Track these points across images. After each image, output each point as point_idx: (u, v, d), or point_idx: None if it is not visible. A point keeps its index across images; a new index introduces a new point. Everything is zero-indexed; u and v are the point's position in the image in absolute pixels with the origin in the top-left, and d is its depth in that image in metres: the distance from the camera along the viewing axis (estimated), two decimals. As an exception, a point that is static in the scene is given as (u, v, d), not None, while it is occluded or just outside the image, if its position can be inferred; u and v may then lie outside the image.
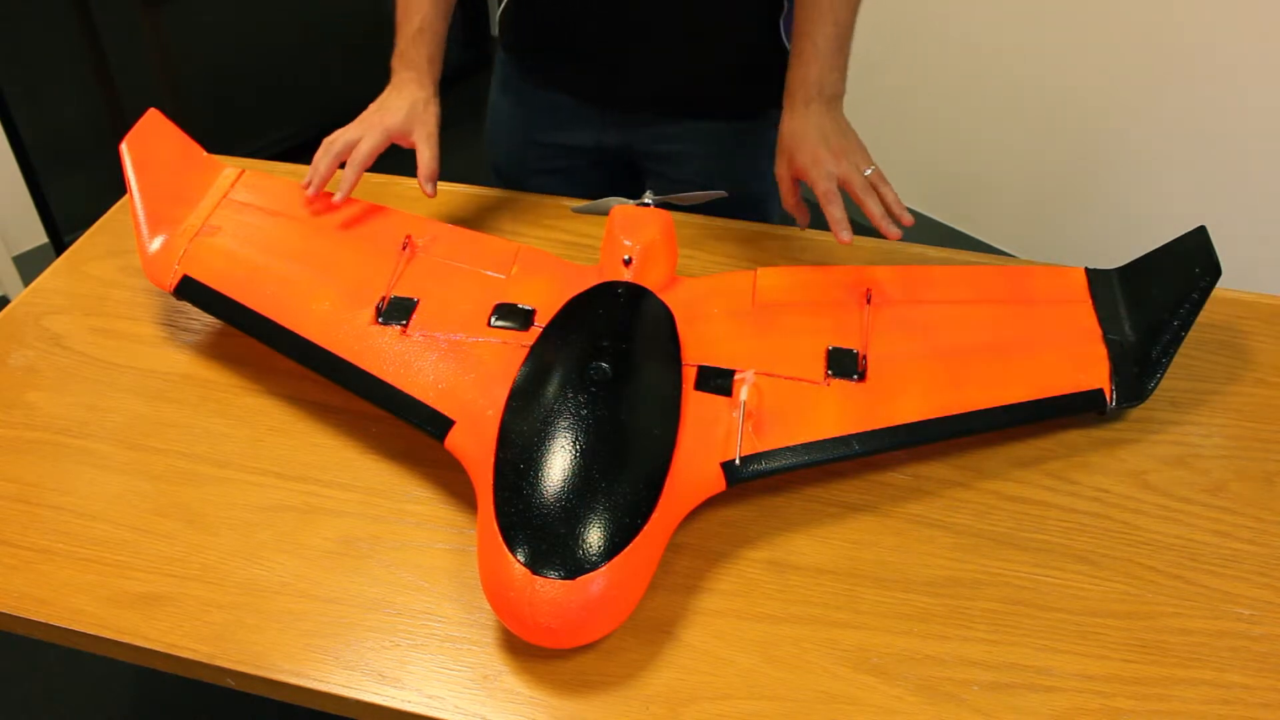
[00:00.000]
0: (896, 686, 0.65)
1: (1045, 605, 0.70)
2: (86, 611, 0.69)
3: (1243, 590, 0.71)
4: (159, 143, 0.96)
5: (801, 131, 0.91)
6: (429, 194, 0.94)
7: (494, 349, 0.80)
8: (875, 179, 0.89)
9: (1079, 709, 0.64)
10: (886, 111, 2.25)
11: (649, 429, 0.71)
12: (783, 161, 0.94)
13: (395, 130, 0.93)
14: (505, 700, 0.64)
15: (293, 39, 2.66)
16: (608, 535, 0.64)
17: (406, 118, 0.94)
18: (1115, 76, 1.90)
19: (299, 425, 0.83)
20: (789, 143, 0.92)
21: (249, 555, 0.73)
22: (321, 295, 0.84)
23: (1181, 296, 0.81)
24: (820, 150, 0.90)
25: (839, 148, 0.90)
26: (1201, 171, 1.86)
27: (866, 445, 0.75)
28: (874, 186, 0.89)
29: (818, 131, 0.91)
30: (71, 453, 0.80)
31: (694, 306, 0.84)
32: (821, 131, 0.91)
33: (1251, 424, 0.83)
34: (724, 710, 0.64)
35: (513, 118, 1.15)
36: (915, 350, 0.81)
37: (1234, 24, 1.71)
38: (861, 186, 0.88)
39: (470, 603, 0.70)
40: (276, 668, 0.66)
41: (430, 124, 0.95)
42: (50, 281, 0.98)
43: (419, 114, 0.95)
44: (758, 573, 0.72)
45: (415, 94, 0.96)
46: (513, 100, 1.15)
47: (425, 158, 0.93)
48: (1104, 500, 0.77)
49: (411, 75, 0.97)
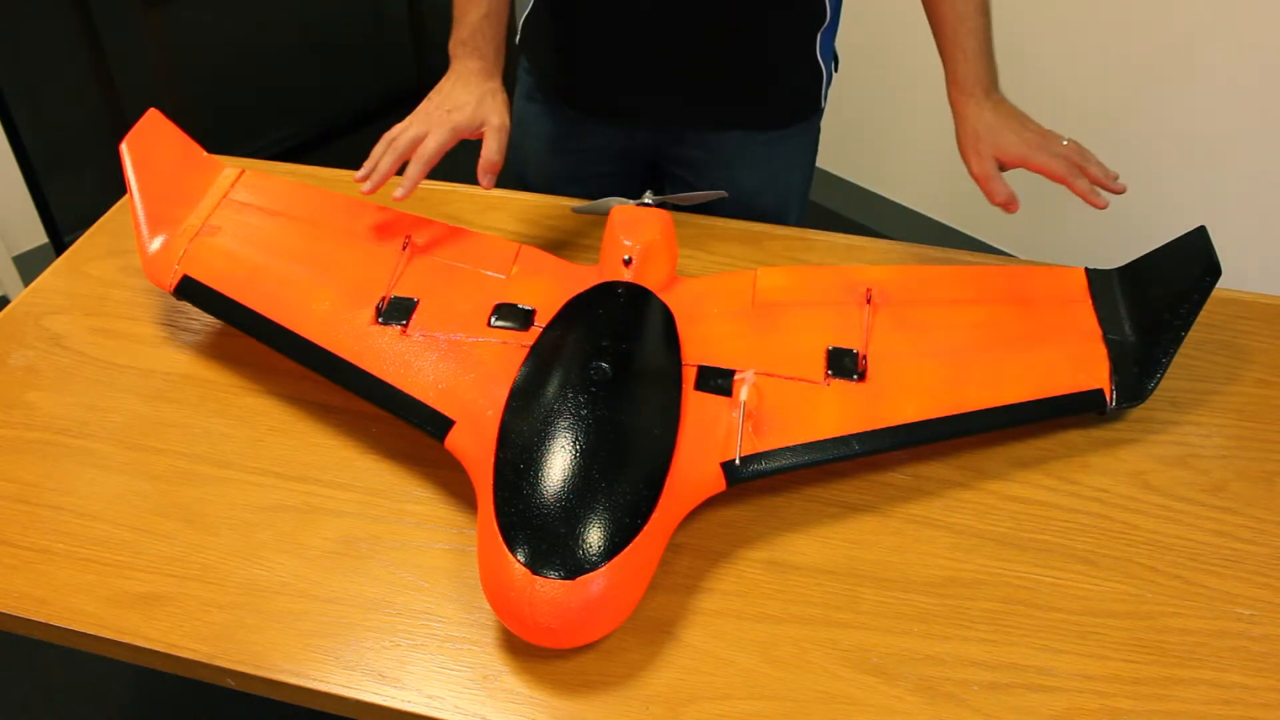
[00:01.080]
0: (896, 686, 0.65)
1: (1045, 605, 0.70)
2: (86, 611, 0.69)
3: (1243, 590, 0.71)
4: (159, 143, 0.96)
5: (996, 124, 0.91)
6: (485, 186, 0.89)
7: (494, 349, 0.80)
8: (1076, 145, 0.91)
9: (1079, 709, 0.64)
10: (887, 111, 2.25)
11: (649, 429, 0.71)
12: (984, 157, 0.92)
13: (464, 126, 0.88)
14: (505, 700, 0.64)
15: (293, 39, 2.66)
16: (608, 535, 0.64)
17: (475, 112, 0.89)
18: (1115, 76, 1.90)
19: (299, 425, 0.83)
20: (990, 137, 0.91)
21: (249, 555, 0.73)
22: (321, 295, 0.84)
23: (1181, 296, 0.81)
24: (1025, 138, 0.90)
25: (1037, 130, 0.91)
26: (1201, 171, 1.86)
27: (866, 445, 0.75)
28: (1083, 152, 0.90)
29: (1013, 120, 0.92)
30: (71, 453, 0.80)
31: (694, 306, 0.84)
32: (1016, 119, 0.92)
33: (1251, 424, 0.83)
34: (724, 710, 0.64)
35: (540, 128, 1.14)
36: (915, 350, 0.81)
37: (1234, 24, 1.71)
38: (1077, 155, 0.90)
39: (470, 603, 0.70)
40: (276, 668, 0.66)
41: (502, 115, 0.90)
42: (50, 281, 0.98)
43: (488, 107, 0.90)
44: (758, 573, 0.72)
45: (483, 85, 0.91)
46: (539, 110, 1.13)
47: (491, 149, 0.88)
48: (1104, 500, 0.77)
49: (477, 65, 0.92)
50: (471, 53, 0.92)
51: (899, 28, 2.15)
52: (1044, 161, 0.89)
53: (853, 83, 0.92)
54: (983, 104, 0.92)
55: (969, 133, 0.93)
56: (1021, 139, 0.90)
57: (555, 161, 1.15)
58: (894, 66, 2.19)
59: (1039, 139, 0.91)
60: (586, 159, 1.13)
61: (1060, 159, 0.89)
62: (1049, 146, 0.90)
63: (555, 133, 1.13)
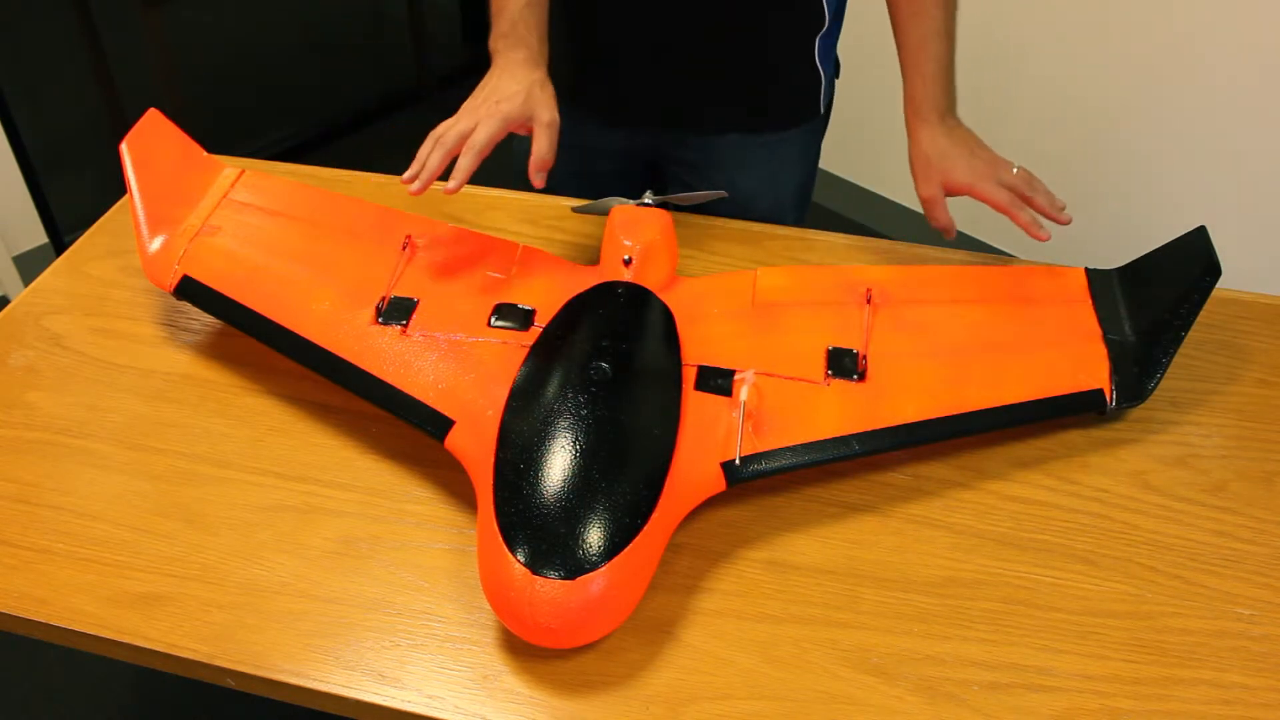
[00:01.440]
0: (896, 686, 0.65)
1: (1045, 605, 0.70)
2: (86, 611, 0.69)
3: (1243, 590, 0.71)
4: (159, 143, 0.96)
5: (948, 150, 0.92)
6: (537, 185, 0.86)
7: (494, 349, 0.80)
8: (1026, 175, 0.91)
9: (1079, 709, 0.64)
10: (887, 112, 2.25)
11: (649, 429, 0.71)
12: (932, 181, 0.92)
13: (515, 117, 0.85)
14: (505, 700, 0.64)
15: (293, 39, 2.66)
16: (608, 535, 0.64)
17: (525, 103, 0.85)
18: (1115, 76, 1.90)
19: (299, 425, 0.83)
20: (940, 163, 0.92)
21: (249, 555, 0.73)
22: (321, 295, 0.84)
23: (1181, 296, 0.81)
24: (975, 166, 0.91)
25: (989, 159, 0.92)
26: (1201, 171, 1.86)
27: (866, 445, 0.75)
28: (1031, 183, 0.91)
29: (964, 147, 0.92)
30: (71, 453, 0.80)
31: (694, 306, 0.84)
32: (967, 146, 0.92)
33: (1251, 424, 0.83)
34: (724, 710, 0.64)
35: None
36: (915, 350, 0.81)
37: (1234, 24, 1.71)
38: (1024, 186, 0.90)
39: (470, 603, 0.70)
40: (276, 668, 0.66)
41: (552, 109, 0.87)
42: (50, 281, 0.98)
43: (537, 98, 0.86)
44: (758, 573, 0.72)
45: (530, 75, 0.87)
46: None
47: (542, 147, 0.85)
48: (1104, 500, 0.77)
49: (522, 55, 0.88)
50: (515, 44, 0.89)
51: (899, 28, 2.15)
52: (988, 191, 0.90)
53: (853, 84, 0.92)
54: (936, 129, 0.93)
55: (920, 156, 0.93)
56: (970, 167, 0.91)
57: (556, 160, 1.15)
58: (894, 68, 2.19)
59: (987, 168, 0.91)
60: (587, 158, 1.13)
61: (1004, 189, 0.90)
62: (996, 174, 0.91)
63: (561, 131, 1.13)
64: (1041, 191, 0.91)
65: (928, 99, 0.93)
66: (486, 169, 1.29)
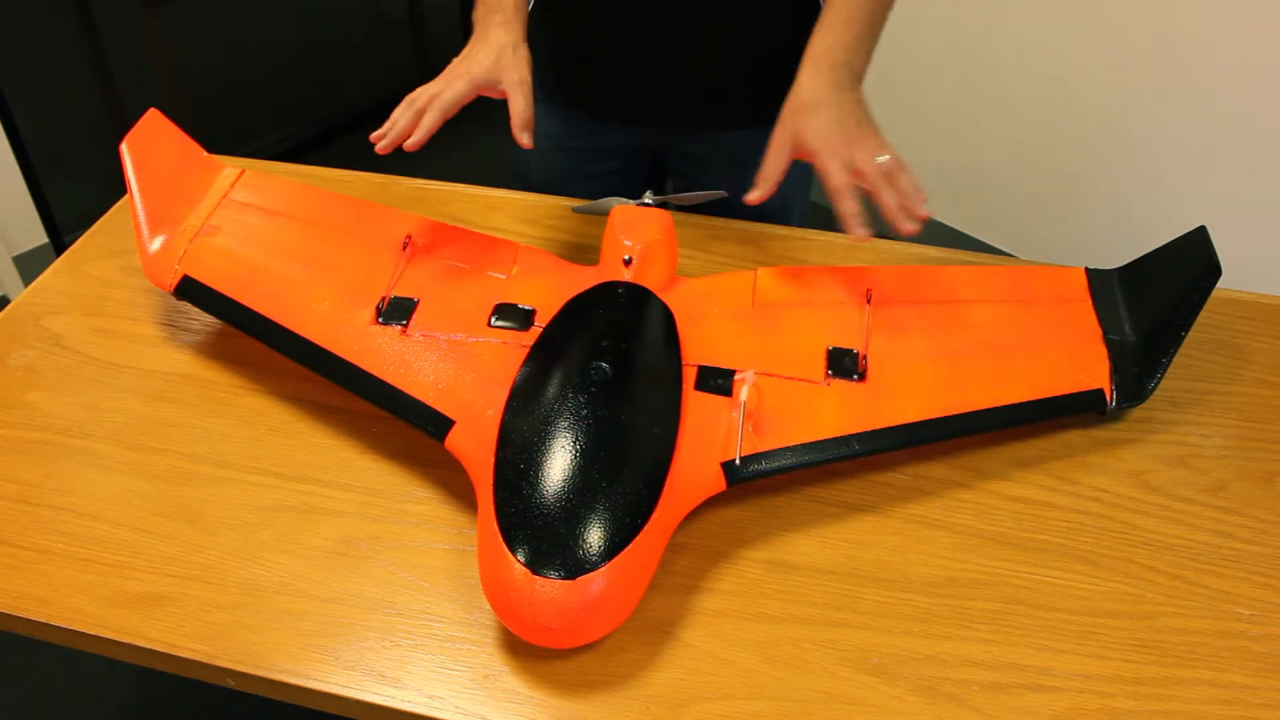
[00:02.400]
0: (896, 686, 0.65)
1: (1045, 605, 0.70)
2: (86, 611, 0.69)
3: (1243, 590, 0.71)
4: (159, 143, 0.96)
5: (815, 103, 0.83)
6: (524, 144, 0.86)
7: (494, 349, 0.80)
8: (891, 167, 0.80)
9: (1079, 709, 0.64)
10: (887, 112, 2.25)
11: (649, 429, 0.71)
12: (785, 130, 0.85)
13: (482, 79, 0.86)
14: (505, 700, 0.64)
15: (293, 39, 2.66)
16: (608, 535, 0.64)
17: (494, 65, 0.87)
18: (1116, 77, 1.90)
19: (299, 425, 0.83)
20: (800, 114, 0.84)
21: (249, 555, 0.73)
22: (321, 295, 0.84)
23: (1181, 296, 0.81)
24: (835, 132, 0.81)
25: (854, 134, 0.82)
26: (1202, 171, 1.86)
27: (866, 445, 0.75)
28: (889, 175, 0.80)
29: (835, 110, 0.82)
30: (71, 453, 0.80)
31: (694, 306, 0.84)
32: (840, 110, 0.82)
33: (1251, 424, 0.83)
34: (724, 710, 0.64)
35: (543, 125, 1.11)
36: (915, 350, 0.81)
37: (1234, 24, 1.71)
38: (876, 177, 0.79)
39: (470, 603, 0.70)
40: (276, 668, 0.66)
41: (521, 69, 0.87)
42: (50, 281, 0.98)
43: (507, 60, 0.87)
44: (758, 573, 0.72)
45: (502, 39, 0.88)
46: (542, 109, 1.10)
47: (519, 106, 0.86)
48: (1104, 500, 0.77)
49: (497, 19, 0.89)
50: (490, 10, 0.90)
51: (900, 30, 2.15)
52: (827, 164, 0.81)
53: (853, 83, 0.92)
54: (819, 80, 0.84)
55: (790, 100, 0.85)
56: (825, 131, 0.81)
57: (558, 159, 1.14)
58: (894, 68, 2.19)
59: (844, 142, 0.81)
60: (590, 157, 1.13)
61: (846, 173, 0.80)
62: (850, 153, 0.81)
63: (558, 130, 1.13)
64: (901, 190, 0.80)
65: (822, 46, 0.86)
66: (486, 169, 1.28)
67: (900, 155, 0.81)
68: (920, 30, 2.12)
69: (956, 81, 2.11)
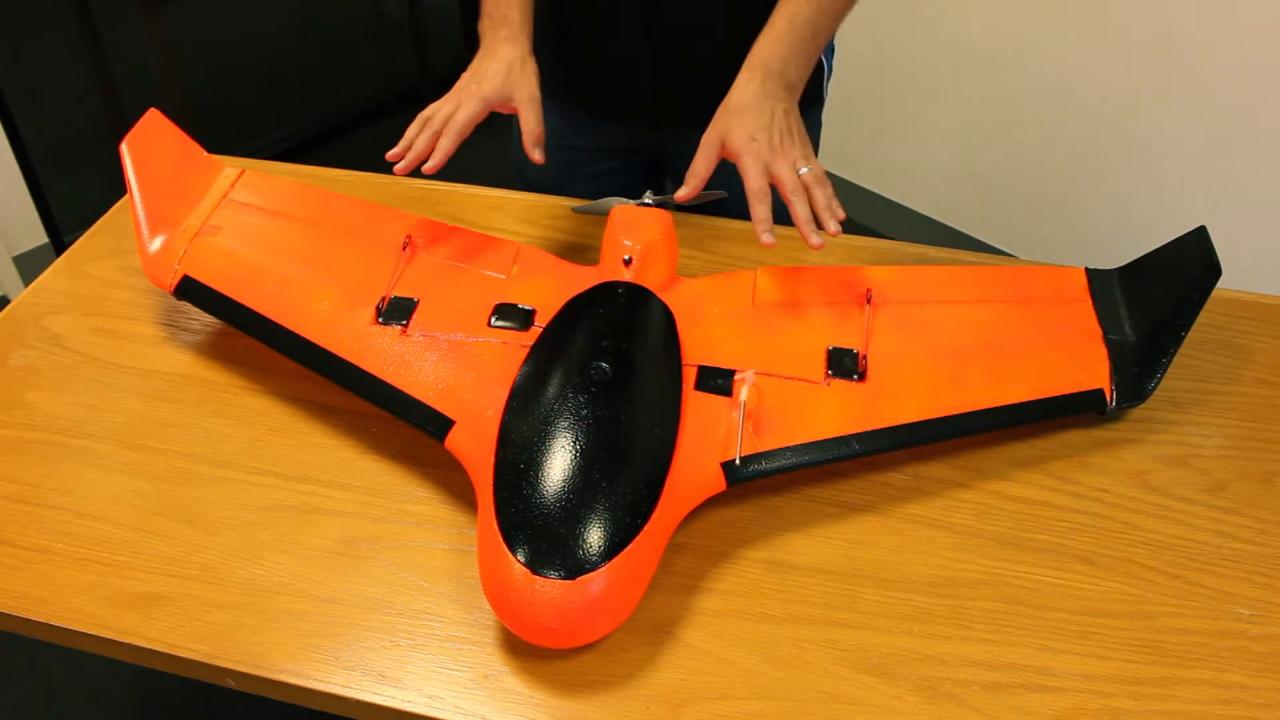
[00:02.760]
0: (896, 686, 0.65)
1: (1045, 605, 0.70)
2: (86, 611, 0.69)
3: (1243, 590, 0.71)
4: (159, 143, 0.96)
5: (746, 107, 0.85)
6: (536, 160, 0.88)
7: (494, 349, 0.80)
8: (810, 180, 0.82)
9: (1079, 709, 0.64)
10: (887, 112, 2.25)
11: (649, 429, 0.71)
12: (715, 131, 0.86)
13: (494, 97, 0.88)
14: (505, 700, 0.64)
15: (293, 39, 2.66)
16: (608, 535, 0.64)
17: (504, 82, 0.88)
18: (1116, 77, 1.90)
19: (299, 425, 0.83)
20: (730, 117, 0.85)
21: (249, 555, 0.73)
22: (322, 295, 0.84)
23: (1181, 296, 0.81)
24: (759, 137, 0.83)
25: (778, 142, 0.83)
26: (1202, 171, 1.86)
27: (866, 445, 0.75)
28: (806, 187, 0.82)
29: (764, 116, 0.84)
30: (71, 453, 0.80)
31: (694, 306, 0.84)
32: (769, 116, 0.84)
33: (1251, 424, 0.83)
34: (724, 710, 0.64)
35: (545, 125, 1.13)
36: (915, 350, 0.81)
37: (1234, 24, 1.71)
38: (792, 187, 0.81)
39: (470, 603, 0.70)
40: (276, 668, 0.66)
41: (530, 85, 0.89)
42: (50, 281, 0.98)
43: (516, 76, 0.89)
44: (758, 573, 0.72)
45: (510, 54, 0.89)
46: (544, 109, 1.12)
47: (530, 123, 0.88)
48: (1104, 500, 0.77)
49: (504, 33, 0.91)
50: (497, 23, 0.91)
51: (900, 29, 2.15)
52: (748, 168, 0.82)
53: (853, 83, 0.92)
54: (752, 84, 0.86)
55: (723, 103, 0.87)
56: (749, 135, 0.83)
57: (557, 159, 1.14)
58: (894, 68, 2.19)
59: (767, 148, 0.83)
60: (589, 156, 1.13)
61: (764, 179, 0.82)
62: (770, 159, 0.82)
63: (557, 130, 1.12)
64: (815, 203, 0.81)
65: (761, 55, 0.87)
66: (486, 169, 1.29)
67: (822, 169, 0.83)
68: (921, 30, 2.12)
69: (957, 81, 2.11)
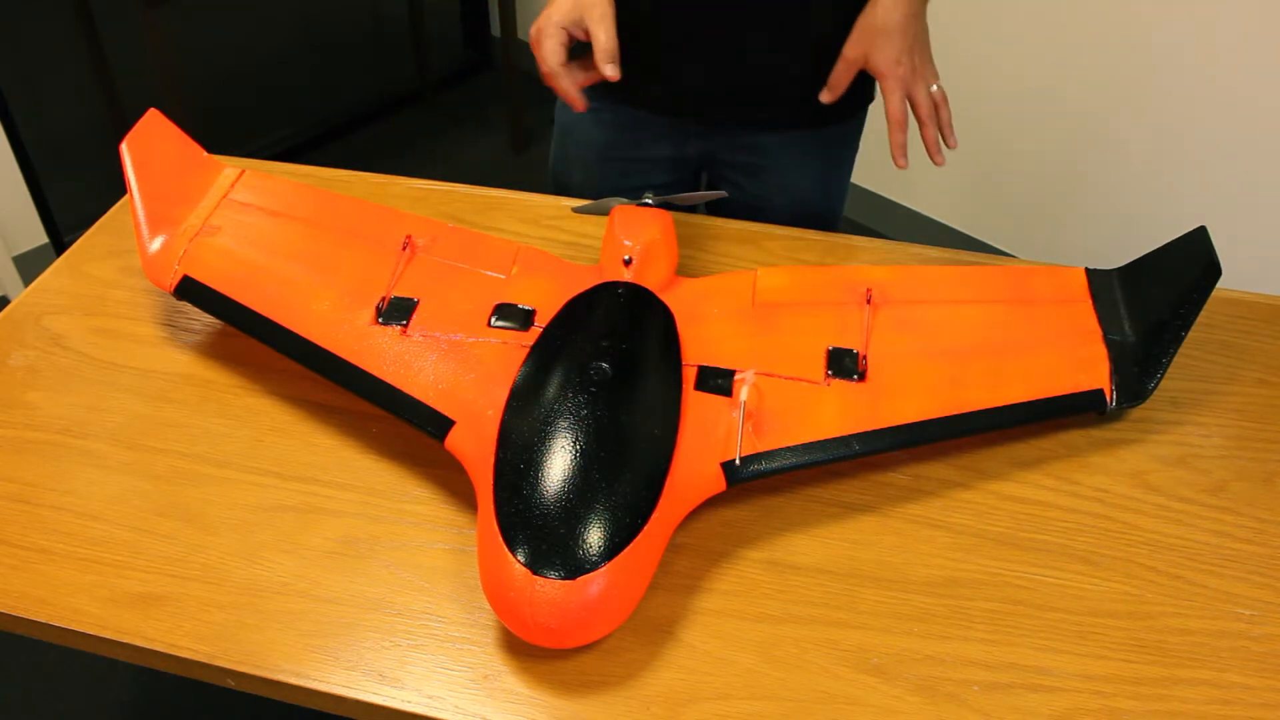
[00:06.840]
0: (896, 686, 0.65)
1: (1045, 605, 0.70)
2: (86, 611, 0.69)
3: (1243, 590, 0.71)
4: (159, 143, 0.96)
5: (895, 30, 0.89)
6: (610, 76, 0.90)
7: (494, 349, 0.80)
8: (939, 97, 0.90)
9: (1079, 709, 0.64)
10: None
11: (649, 429, 0.71)
12: (858, 46, 0.91)
13: (567, 23, 0.90)
14: (505, 700, 0.64)
15: (293, 39, 2.66)
16: (608, 535, 0.64)
17: (574, 6, 0.90)
18: (1116, 77, 1.90)
19: (299, 425, 0.83)
20: (876, 36, 0.90)
21: (249, 555, 0.73)
22: (321, 295, 0.84)
23: (1181, 296, 0.81)
24: (904, 61, 0.89)
25: (919, 64, 0.89)
26: (1202, 172, 1.86)
27: (866, 445, 0.75)
28: (936, 106, 0.89)
29: (909, 38, 0.89)
30: (71, 453, 0.80)
31: (694, 306, 0.84)
32: (911, 39, 0.89)
33: (1251, 424, 0.83)
34: (724, 710, 0.64)
35: (589, 135, 1.12)
36: (915, 350, 0.81)
37: (1234, 24, 1.71)
38: (928, 112, 0.89)
39: (470, 603, 0.70)
40: (276, 668, 0.66)
41: (601, 4, 0.90)
42: (50, 281, 0.98)
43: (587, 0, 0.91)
44: (758, 573, 0.72)
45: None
46: (590, 119, 1.11)
47: (601, 40, 0.89)
48: (1104, 500, 0.77)
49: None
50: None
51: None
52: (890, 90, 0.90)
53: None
54: (896, 7, 0.90)
55: (867, 19, 0.92)
56: (894, 59, 0.89)
57: (604, 169, 1.13)
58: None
59: (908, 70, 0.90)
60: (637, 168, 1.12)
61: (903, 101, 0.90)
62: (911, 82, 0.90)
63: (605, 140, 1.11)
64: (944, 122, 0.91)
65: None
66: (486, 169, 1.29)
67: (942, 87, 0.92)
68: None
69: (957, 82, 2.11)
